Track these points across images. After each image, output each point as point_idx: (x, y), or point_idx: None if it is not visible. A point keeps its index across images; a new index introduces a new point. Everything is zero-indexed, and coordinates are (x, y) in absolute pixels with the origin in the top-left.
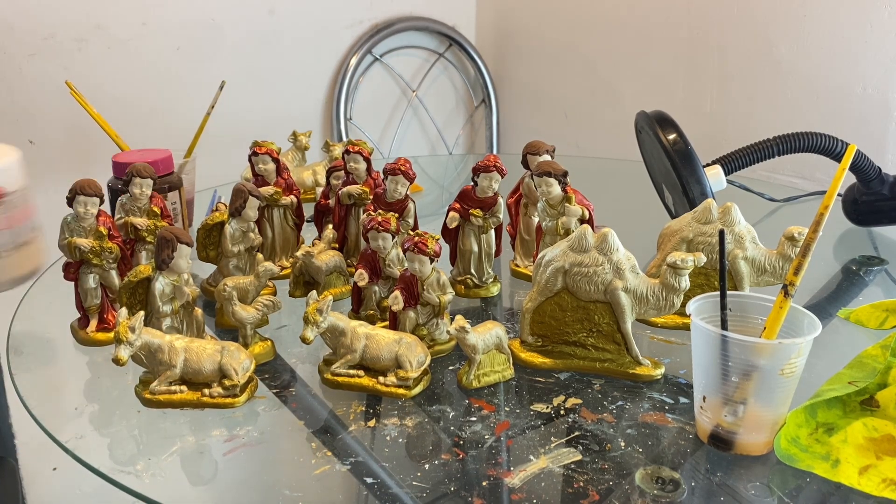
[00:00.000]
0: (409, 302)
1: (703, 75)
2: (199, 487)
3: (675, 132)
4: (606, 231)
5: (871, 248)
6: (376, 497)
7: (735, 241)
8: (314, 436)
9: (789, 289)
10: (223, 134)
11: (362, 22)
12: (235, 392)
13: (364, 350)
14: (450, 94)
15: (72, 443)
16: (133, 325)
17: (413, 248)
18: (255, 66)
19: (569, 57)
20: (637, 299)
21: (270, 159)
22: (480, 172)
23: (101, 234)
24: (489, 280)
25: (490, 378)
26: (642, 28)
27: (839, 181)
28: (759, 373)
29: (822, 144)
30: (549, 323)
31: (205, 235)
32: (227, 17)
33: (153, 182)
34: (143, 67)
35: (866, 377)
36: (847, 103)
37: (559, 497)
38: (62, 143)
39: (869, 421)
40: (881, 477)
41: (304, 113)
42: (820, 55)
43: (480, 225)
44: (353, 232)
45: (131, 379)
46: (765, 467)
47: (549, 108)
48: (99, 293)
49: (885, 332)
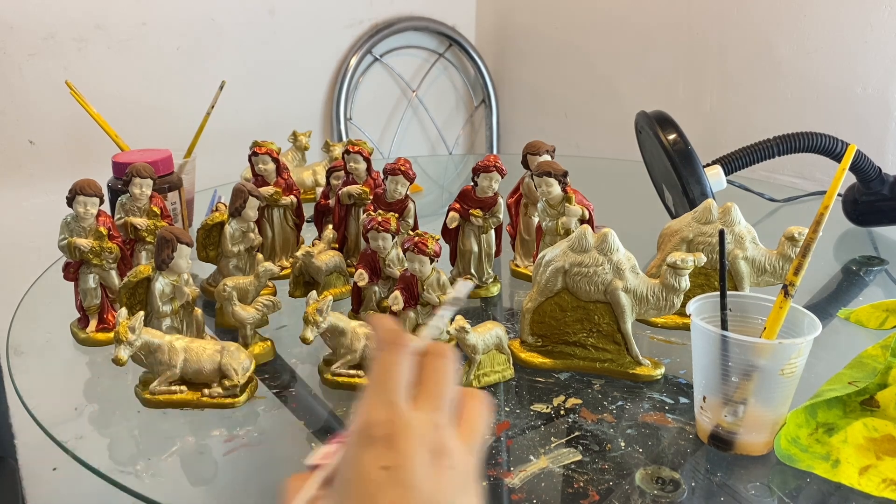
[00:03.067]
0: (409, 302)
1: (703, 75)
2: (199, 487)
3: (675, 132)
4: (606, 231)
5: (871, 248)
6: None
7: (735, 241)
8: (314, 436)
9: (789, 289)
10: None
11: (362, 22)
12: (235, 392)
13: (364, 350)
14: (450, 94)
15: (72, 443)
16: (133, 326)
17: (413, 248)
18: (255, 66)
19: (569, 57)
20: (637, 299)
21: (270, 159)
22: (480, 172)
23: (100, 234)
24: (489, 280)
25: (490, 378)
26: (642, 28)
27: (839, 181)
28: (760, 373)
29: (822, 144)
30: (549, 323)
31: (205, 235)
32: (227, 17)
33: (153, 182)
34: (143, 67)
35: (866, 377)
36: (847, 103)
37: (559, 497)
38: (62, 143)
39: (869, 421)
40: (881, 477)
41: (304, 113)
42: (820, 55)
43: (480, 225)
44: (353, 232)
45: (131, 379)
46: (765, 467)
47: (549, 108)
48: (99, 293)
49: (885, 332)
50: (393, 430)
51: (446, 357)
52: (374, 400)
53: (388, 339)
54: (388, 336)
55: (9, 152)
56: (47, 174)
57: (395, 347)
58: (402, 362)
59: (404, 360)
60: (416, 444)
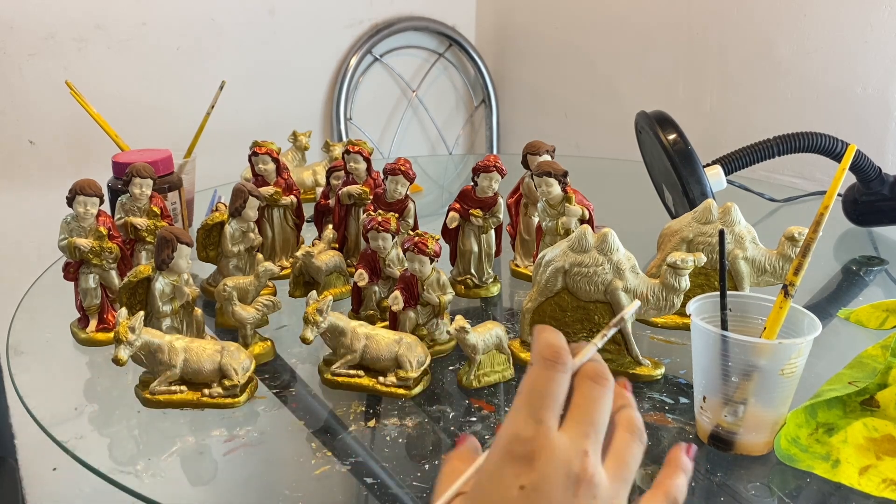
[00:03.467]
0: (409, 302)
1: (703, 75)
2: (199, 487)
3: (675, 132)
4: (606, 231)
5: (871, 248)
6: (376, 497)
7: (735, 241)
8: (314, 436)
9: (789, 289)
10: (223, 134)
11: (362, 22)
12: (235, 392)
13: (364, 350)
14: (450, 94)
15: (72, 443)
16: (133, 326)
17: (413, 248)
18: (255, 66)
19: (569, 57)
20: (637, 299)
21: (270, 159)
22: (480, 172)
23: (100, 234)
24: (489, 280)
25: (490, 378)
26: (642, 28)
27: (839, 181)
28: (760, 373)
29: (822, 144)
30: (549, 323)
31: (205, 235)
32: (227, 17)
33: (153, 182)
34: (143, 67)
35: (866, 377)
36: (847, 103)
37: None
38: (62, 143)
39: (869, 421)
40: (881, 477)
41: (304, 113)
42: (820, 55)
43: (480, 225)
44: (353, 232)
45: (131, 379)
46: (765, 467)
47: (549, 108)
48: (99, 293)
49: (885, 332)
50: (536, 449)
51: (602, 383)
52: (523, 414)
53: (547, 354)
54: (547, 352)
55: (9, 152)
56: (47, 174)
57: (554, 365)
58: (559, 381)
59: (561, 379)
60: (558, 469)
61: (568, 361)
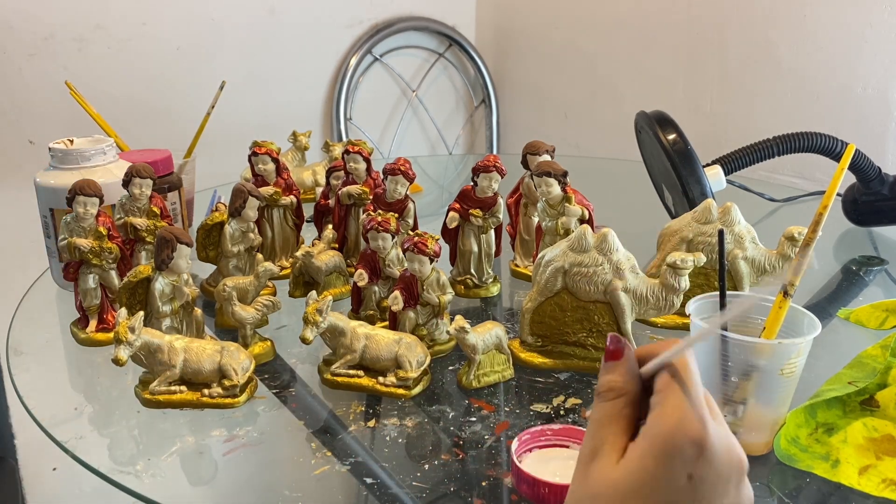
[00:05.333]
0: (409, 302)
1: (703, 75)
2: (199, 487)
3: (675, 132)
4: (606, 231)
5: (871, 248)
6: (376, 497)
7: (735, 241)
8: (314, 436)
9: (789, 289)
10: (223, 134)
11: (362, 22)
12: (235, 392)
13: (364, 350)
14: (450, 94)
15: (71, 443)
16: (133, 326)
17: (413, 248)
18: (255, 66)
19: (569, 57)
20: (637, 299)
21: (270, 159)
22: (480, 172)
23: (100, 234)
24: (489, 280)
25: (490, 378)
26: (642, 28)
27: (838, 181)
28: (759, 373)
29: (822, 144)
30: (548, 323)
31: (204, 235)
32: (227, 17)
33: (153, 182)
34: (143, 67)
35: (866, 377)
36: (847, 103)
37: None
38: None
39: (869, 421)
40: (881, 477)
41: (304, 113)
42: (820, 55)
43: (480, 225)
44: (352, 232)
45: (131, 379)
46: (765, 467)
47: (549, 108)
48: (99, 293)
49: (885, 332)
50: (706, 444)
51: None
52: (688, 410)
53: (681, 375)
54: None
55: (9, 152)
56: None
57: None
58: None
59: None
60: (725, 466)
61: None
